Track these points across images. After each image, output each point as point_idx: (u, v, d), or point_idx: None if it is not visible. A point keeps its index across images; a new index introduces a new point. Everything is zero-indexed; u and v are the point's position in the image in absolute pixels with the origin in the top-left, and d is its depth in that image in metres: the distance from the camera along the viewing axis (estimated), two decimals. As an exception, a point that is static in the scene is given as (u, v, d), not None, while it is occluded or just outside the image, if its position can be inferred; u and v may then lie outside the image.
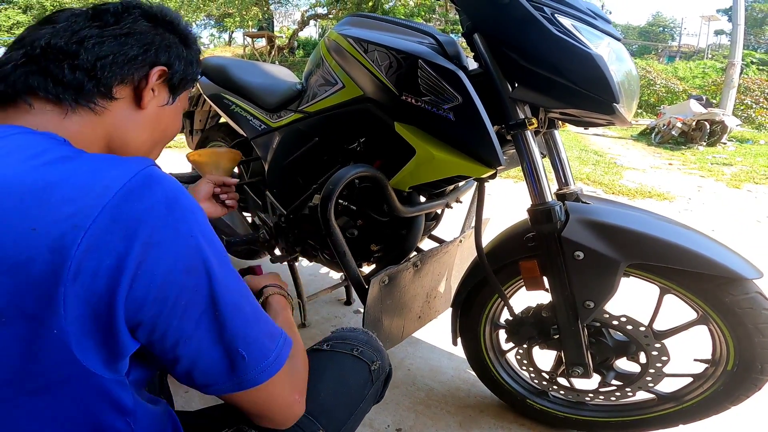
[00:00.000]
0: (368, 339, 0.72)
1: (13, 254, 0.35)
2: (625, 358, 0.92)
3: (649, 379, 0.90)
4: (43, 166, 0.38)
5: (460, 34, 0.94)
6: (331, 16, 13.07)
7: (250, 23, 14.28)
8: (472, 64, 0.92)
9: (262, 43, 14.61)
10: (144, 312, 0.39)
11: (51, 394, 0.38)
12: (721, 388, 0.86)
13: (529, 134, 0.85)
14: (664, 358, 0.88)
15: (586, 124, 0.92)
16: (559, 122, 1.01)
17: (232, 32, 20.51)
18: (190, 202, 0.42)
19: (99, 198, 0.37)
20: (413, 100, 0.89)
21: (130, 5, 0.52)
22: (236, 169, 1.68)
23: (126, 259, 0.37)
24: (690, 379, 0.92)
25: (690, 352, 0.94)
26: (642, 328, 0.87)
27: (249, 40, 14.39)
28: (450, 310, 1.09)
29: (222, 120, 1.71)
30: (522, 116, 0.84)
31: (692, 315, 0.87)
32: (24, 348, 0.36)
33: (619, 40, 0.84)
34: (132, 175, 0.39)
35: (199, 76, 0.60)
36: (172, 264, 0.39)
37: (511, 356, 1.08)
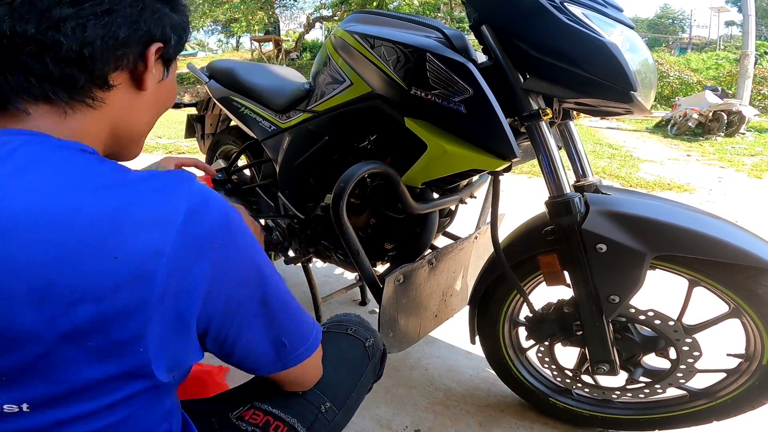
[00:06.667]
0: (360, 321, 0.76)
1: (98, 282, 0.35)
2: (653, 353, 0.89)
3: (680, 375, 0.87)
4: (99, 189, 0.37)
5: (466, 32, 0.93)
6: (336, 18, 13.12)
7: (257, 28, 14.40)
8: (481, 58, 0.90)
9: (269, 47, 14.76)
10: (212, 323, 0.42)
11: (121, 408, 0.40)
12: (756, 383, 0.82)
13: (543, 125, 0.83)
14: (696, 354, 0.84)
15: (603, 114, 0.89)
16: (574, 113, 0.98)
17: (240, 37, 20.81)
18: (237, 215, 0.44)
19: (170, 223, 0.38)
20: (423, 95, 0.87)
21: None
22: (247, 172, 1.69)
23: (200, 279, 0.39)
24: (723, 375, 0.88)
25: (723, 346, 0.90)
26: (671, 323, 0.84)
27: (256, 44, 14.56)
28: (467, 308, 1.07)
29: (232, 123, 1.71)
30: (535, 107, 0.82)
31: (724, 308, 0.83)
32: (108, 370, 0.37)
33: (632, 28, 0.82)
34: (191, 197, 0.40)
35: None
36: (235, 279, 0.42)
37: (531, 354, 1.05)
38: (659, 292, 1.10)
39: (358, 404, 0.68)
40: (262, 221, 1.57)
